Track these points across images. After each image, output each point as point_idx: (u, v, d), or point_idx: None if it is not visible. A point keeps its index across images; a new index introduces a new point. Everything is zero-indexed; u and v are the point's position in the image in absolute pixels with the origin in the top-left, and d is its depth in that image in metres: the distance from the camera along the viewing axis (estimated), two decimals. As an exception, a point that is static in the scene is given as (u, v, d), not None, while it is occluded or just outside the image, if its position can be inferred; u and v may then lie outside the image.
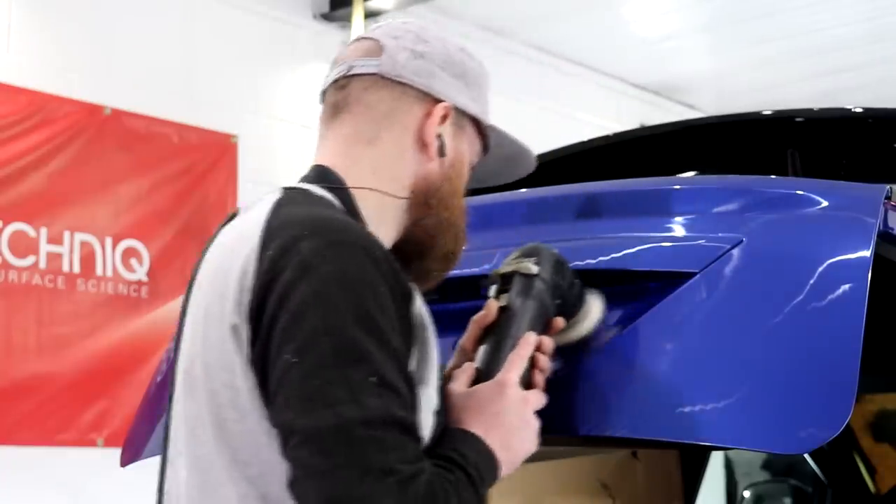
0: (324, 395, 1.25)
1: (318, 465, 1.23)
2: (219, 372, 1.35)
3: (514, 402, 1.43)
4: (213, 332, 1.36)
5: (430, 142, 1.52)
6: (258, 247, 1.34)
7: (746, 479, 5.82)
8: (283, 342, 1.28)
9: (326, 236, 1.33)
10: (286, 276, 1.30)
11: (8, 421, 5.04)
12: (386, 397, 1.26)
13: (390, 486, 1.22)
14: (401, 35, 1.55)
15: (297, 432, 1.26)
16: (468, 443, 1.37)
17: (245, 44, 6.18)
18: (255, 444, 1.32)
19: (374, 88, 1.52)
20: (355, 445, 1.23)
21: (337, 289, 1.28)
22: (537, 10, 7.30)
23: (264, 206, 1.41)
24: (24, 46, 5.36)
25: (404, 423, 1.27)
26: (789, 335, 1.45)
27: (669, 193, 1.77)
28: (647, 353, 1.53)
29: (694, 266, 1.55)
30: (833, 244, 1.54)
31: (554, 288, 1.54)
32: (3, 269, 5.09)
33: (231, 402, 1.34)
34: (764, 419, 1.42)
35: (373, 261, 1.32)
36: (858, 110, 2.41)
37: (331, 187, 1.47)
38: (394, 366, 1.29)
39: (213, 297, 1.38)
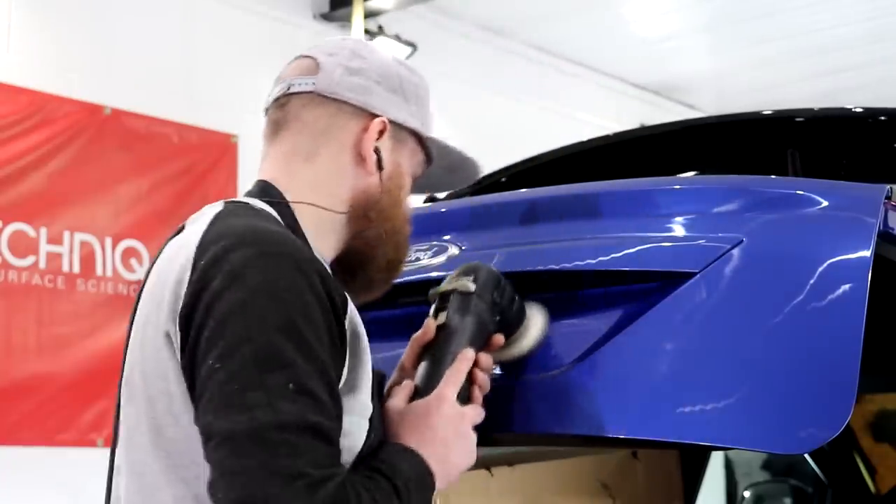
0: (240, 399, 1.28)
1: (231, 466, 1.26)
2: (155, 379, 1.39)
3: (450, 417, 1.46)
4: (150, 340, 1.40)
5: (368, 156, 1.54)
6: (192, 256, 1.38)
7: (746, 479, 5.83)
8: (208, 348, 1.31)
9: (257, 247, 1.36)
10: (215, 284, 1.33)
11: (8, 421, 5.04)
12: (301, 403, 1.28)
13: (298, 489, 1.24)
14: (336, 52, 1.58)
15: (214, 434, 1.29)
16: (399, 455, 1.40)
17: (245, 44, 6.18)
18: (189, 447, 1.34)
19: (311, 106, 1.55)
20: (266, 448, 1.25)
21: (262, 298, 1.32)
22: (537, 10, 7.30)
23: (204, 219, 1.45)
24: (24, 46, 5.36)
25: (318, 428, 1.29)
26: (789, 335, 1.45)
27: (669, 193, 1.77)
28: (647, 353, 1.53)
29: (694, 266, 1.55)
30: (833, 244, 1.54)
31: (492, 305, 1.55)
32: (3, 269, 5.09)
33: (167, 408, 1.37)
34: (764, 419, 1.42)
35: (302, 272, 1.35)
36: (858, 110, 2.40)
37: (272, 201, 1.50)
38: (315, 374, 1.31)
39: (152, 306, 1.42)
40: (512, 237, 1.78)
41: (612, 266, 1.62)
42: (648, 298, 1.57)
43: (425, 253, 1.80)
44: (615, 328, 1.58)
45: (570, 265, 1.65)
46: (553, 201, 1.85)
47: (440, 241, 1.83)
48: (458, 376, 1.50)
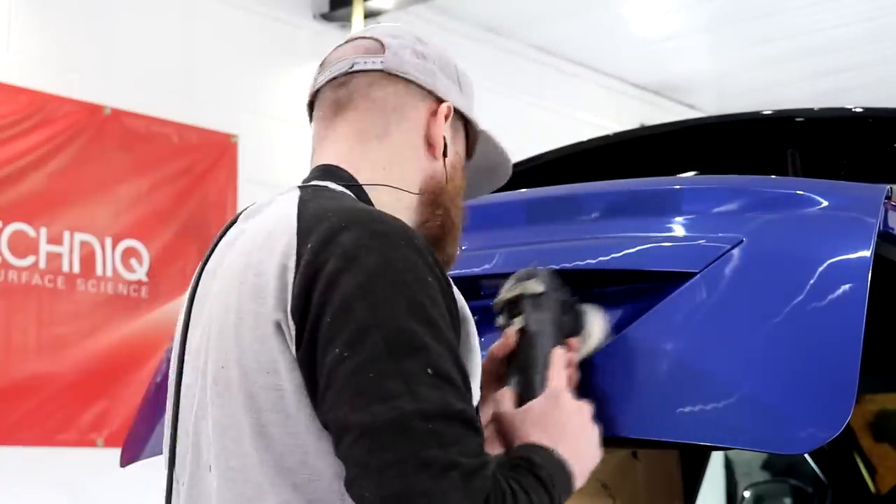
0: (378, 388, 1.20)
1: (376, 461, 1.18)
2: (258, 375, 1.28)
3: (572, 410, 1.41)
4: (249, 332, 1.30)
5: (437, 142, 1.49)
6: (295, 242, 1.29)
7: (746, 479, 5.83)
8: (331, 336, 1.23)
9: (366, 227, 1.28)
10: (329, 267, 1.25)
11: (8, 421, 5.04)
12: (443, 389, 1.21)
13: (454, 479, 1.17)
14: (401, 35, 1.53)
15: (351, 429, 1.20)
16: (536, 452, 1.32)
17: (245, 44, 6.18)
18: (301, 448, 1.26)
19: (379, 84, 1.49)
20: (414, 439, 1.18)
21: (384, 279, 1.24)
22: (537, 10, 7.29)
23: (286, 204, 1.37)
24: (24, 46, 5.36)
25: (463, 415, 1.22)
26: (789, 335, 1.45)
27: (669, 193, 1.77)
28: (648, 353, 1.53)
29: (694, 266, 1.55)
30: (833, 244, 1.54)
31: (561, 304, 1.54)
32: (3, 269, 5.09)
33: (274, 406, 1.27)
34: (764, 419, 1.42)
35: (417, 251, 1.28)
36: (858, 110, 2.41)
37: (345, 184, 1.43)
38: (448, 356, 1.24)
39: (246, 298, 1.32)
40: (512, 237, 1.78)
41: (612, 266, 1.62)
42: (648, 298, 1.57)
43: (425, 253, 1.80)
44: (615, 328, 1.58)
45: (571, 265, 1.65)
46: (553, 201, 1.85)
47: (440, 241, 1.83)
48: (562, 373, 1.45)
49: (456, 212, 1.52)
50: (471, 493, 1.17)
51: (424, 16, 7.15)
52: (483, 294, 1.73)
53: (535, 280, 1.53)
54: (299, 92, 5.80)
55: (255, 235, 1.37)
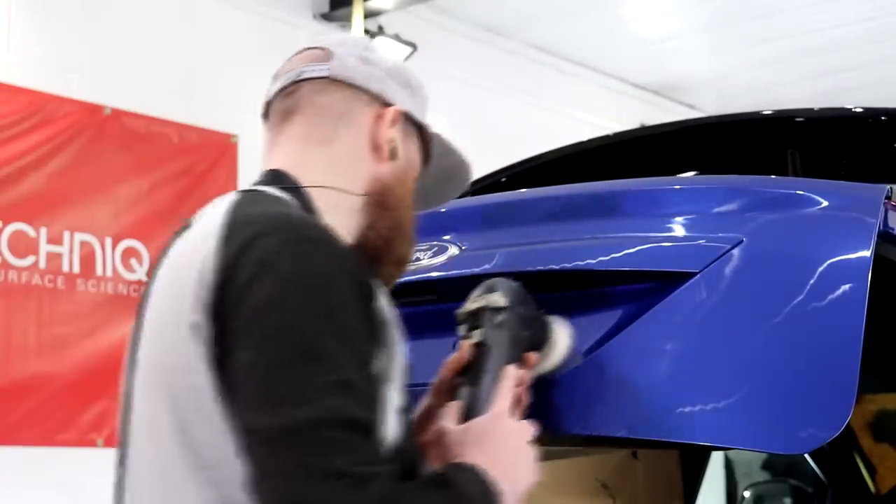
0: (281, 394, 1.22)
1: (274, 466, 1.21)
2: (180, 374, 1.32)
3: (512, 432, 1.42)
4: (172, 333, 1.33)
5: (383, 144, 1.51)
6: (216, 246, 1.32)
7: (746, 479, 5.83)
8: (242, 340, 1.26)
9: (285, 233, 1.31)
10: (245, 273, 1.28)
11: (8, 421, 5.04)
12: (345, 397, 1.23)
13: (341, 489, 1.19)
14: (348, 43, 1.57)
15: (253, 432, 1.24)
16: (463, 472, 1.33)
17: (245, 44, 6.18)
18: (220, 446, 1.28)
19: (325, 91, 1.52)
20: (310, 447, 1.20)
21: (296, 286, 1.26)
22: (537, 10, 7.30)
23: (220, 209, 1.40)
24: (24, 46, 5.36)
25: (363, 423, 1.24)
26: (789, 335, 1.45)
27: (669, 193, 1.77)
28: (648, 352, 1.53)
29: (694, 266, 1.55)
30: (833, 244, 1.54)
31: (523, 319, 1.53)
32: (3, 269, 5.09)
33: (194, 405, 1.30)
34: (764, 419, 1.42)
35: (334, 257, 1.30)
36: (858, 110, 2.41)
37: (286, 188, 1.46)
38: (355, 364, 1.26)
39: (170, 299, 1.36)
40: (512, 237, 1.78)
41: (612, 266, 1.62)
42: (648, 298, 1.57)
43: (425, 253, 1.80)
44: (615, 328, 1.58)
45: (570, 265, 1.65)
46: (553, 201, 1.85)
47: (440, 241, 1.83)
48: (509, 393, 1.46)
49: (404, 214, 1.53)
50: (361, 501, 1.19)
51: (424, 16, 7.16)
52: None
53: (498, 293, 1.53)
54: (299, 92, 5.61)
55: (188, 240, 1.41)
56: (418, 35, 7.01)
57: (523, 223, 1.82)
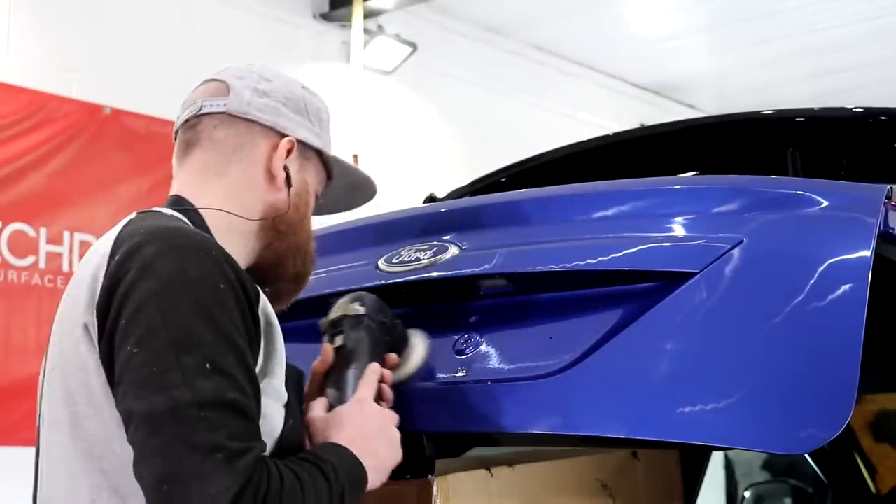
0: (159, 380, 1.33)
1: (152, 445, 1.31)
2: (74, 373, 1.43)
3: (373, 415, 1.56)
4: (68, 336, 1.45)
5: (277, 174, 1.61)
6: (107, 254, 1.44)
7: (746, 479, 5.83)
8: (125, 336, 1.37)
9: (168, 240, 1.42)
10: (129, 276, 1.39)
11: (8, 421, 5.04)
12: (218, 381, 1.34)
13: (217, 461, 1.29)
14: (245, 75, 1.66)
15: (134, 416, 1.34)
16: (329, 450, 1.47)
17: (245, 44, 6.18)
18: (108, 438, 1.39)
19: (222, 126, 1.61)
20: (185, 425, 1.30)
21: (175, 286, 1.37)
22: (537, 10, 7.30)
23: (118, 226, 1.53)
24: (24, 46, 5.36)
25: (236, 404, 1.34)
26: (789, 335, 1.45)
27: (669, 193, 1.77)
28: (648, 352, 1.53)
29: (694, 266, 1.55)
30: (833, 244, 1.54)
31: (381, 325, 1.66)
32: (3, 269, 5.09)
33: (87, 401, 1.42)
34: (764, 419, 1.42)
35: (213, 261, 1.41)
36: (858, 110, 2.40)
37: (182, 209, 1.57)
38: (230, 354, 1.36)
39: (68, 306, 1.49)
40: (512, 237, 1.78)
41: (612, 266, 1.62)
42: (648, 298, 1.57)
43: (425, 253, 1.80)
44: (615, 328, 1.58)
45: (570, 265, 1.65)
46: (553, 201, 1.85)
47: (440, 240, 1.83)
48: (372, 385, 1.60)
49: (300, 236, 1.64)
50: (233, 472, 1.29)
51: (424, 16, 7.16)
52: (482, 294, 1.73)
53: (356, 303, 1.67)
54: (299, 92, 5.61)
55: (88, 255, 1.54)
56: (418, 35, 7.01)
57: (523, 223, 1.82)
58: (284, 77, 1.69)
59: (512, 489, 2.72)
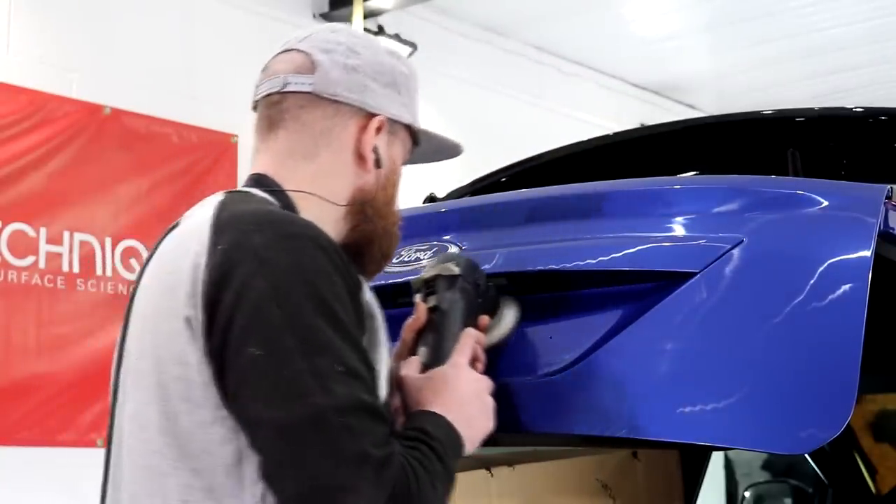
0: (292, 386, 1.27)
1: (293, 456, 1.26)
2: (171, 366, 1.36)
3: (469, 381, 1.49)
4: (164, 326, 1.38)
5: (367, 155, 1.55)
6: (207, 242, 1.36)
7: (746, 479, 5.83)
8: (245, 336, 1.30)
9: (277, 229, 1.36)
10: (242, 269, 1.32)
11: (8, 421, 5.04)
12: (352, 384, 1.29)
13: (366, 471, 1.25)
14: (332, 48, 1.56)
15: (267, 425, 1.28)
16: (429, 420, 1.41)
17: (245, 44, 6.18)
18: (205, 436, 1.33)
19: (309, 107, 1.54)
20: (328, 434, 1.25)
21: (293, 281, 1.31)
22: (537, 10, 7.30)
23: (208, 207, 1.44)
24: (24, 46, 5.36)
25: (372, 407, 1.30)
26: (790, 335, 1.45)
27: (669, 193, 1.77)
28: (647, 353, 1.53)
29: (694, 266, 1.55)
30: (833, 244, 1.54)
31: (475, 286, 1.61)
32: (2, 269, 5.09)
33: (183, 395, 1.35)
34: (764, 419, 1.42)
35: (324, 252, 1.35)
36: (858, 110, 2.41)
37: (270, 190, 1.51)
38: (355, 353, 1.32)
39: (162, 294, 1.41)
40: (512, 237, 1.78)
41: (612, 266, 1.62)
42: (648, 298, 1.57)
43: (425, 252, 1.80)
44: (616, 328, 1.58)
45: (571, 265, 1.65)
46: (553, 201, 1.85)
47: (440, 240, 1.83)
48: (468, 349, 1.53)
49: (387, 219, 1.58)
50: (382, 482, 1.26)
51: (424, 16, 7.16)
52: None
53: (451, 263, 1.62)
54: (299, 92, 5.57)
55: (176, 238, 1.47)
56: (418, 35, 7.00)
57: (523, 223, 1.82)
58: (372, 45, 1.60)
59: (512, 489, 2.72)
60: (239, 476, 1.32)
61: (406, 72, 1.62)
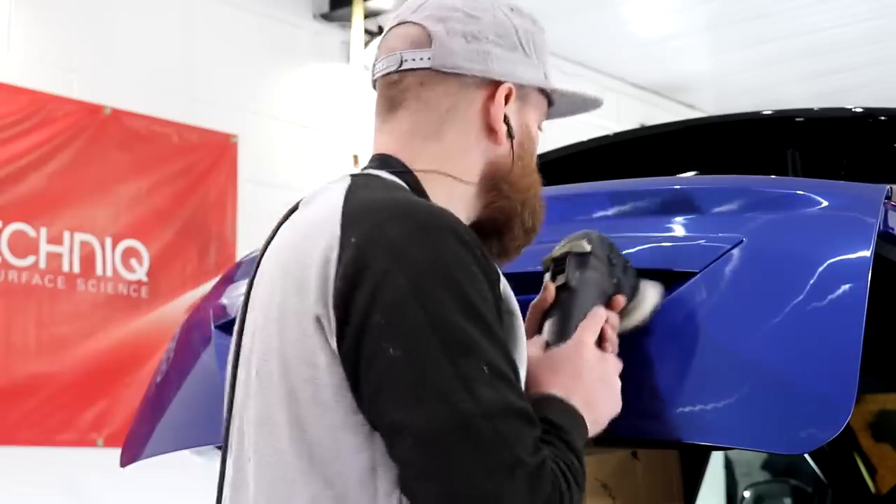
0: (436, 389, 1.18)
1: (438, 465, 1.17)
2: (300, 367, 1.27)
3: (593, 361, 1.40)
4: (292, 326, 1.29)
5: (498, 127, 1.45)
6: (339, 234, 1.27)
7: (746, 479, 5.82)
8: (383, 337, 1.21)
9: (413, 220, 1.27)
10: (377, 265, 1.23)
11: (8, 421, 5.04)
12: (499, 387, 1.20)
13: (520, 479, 1.17)
14: (447, 16, 1.45)
15: (408, 431, 1.19)
16: (554, 407, 1.32)
17: (245, 44, 6.18)
18: (336, 443, 1.25)
19: (430, 83, 1.44)
20: (477, 440, 1.17)
21: (434, 277, 1.22)
22: (537, 10, 7.26)
23: (335, 193, 1.35)
24: (24, 46, 5.36)
25: (522, 411, 1.21)
26: (789, 335, 1.45)
27: (669, 193, 1.77)
28: (647, 352, 1.53)
29: (694, 266, 1.55)
30: (833, 244, 1.54)
31: (609, 265, 1.52)
32: (3, 269, 5.09)
33: (312, 399, 1.26)
34: (764, 419, 1.42)
35: (464, 244, 1.26)
36: (858, 110, 2.41)
37: (397, 171, 1.41)
38: (501, 353, 1.23)
39: (289, 290, 1.30)
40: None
41: (612, 266, 1.62)
42: (648, 298, 1.57)
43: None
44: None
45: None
46: (553, 201, 1.85)
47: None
48: (595, 328, 1.44)
49: (525, 192, 1.48)
50: (535, 491, 1.17)
51: None
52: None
53: (583, 240, 1.52)
54: (299, 92, 5.84)
55: (302, 225, 1.36)
56: (418, 35, 7.00)
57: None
58: (492, 6, 1.46)
59: (512, 489, 2.72)
60: (373, 487, 1.24)
61: (530, 28, 1.50)
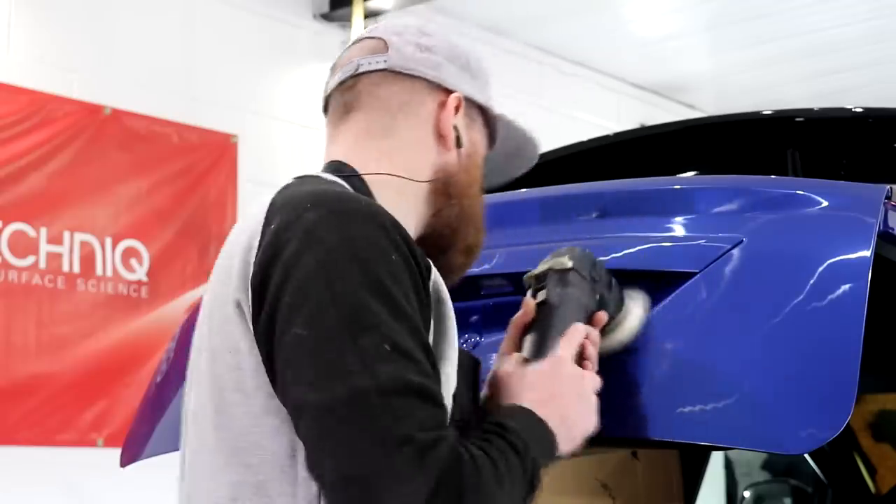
0: (334, 366, 1.19)
1: (333, 439, 1.18)
2: (223, 354, 1.30)
3: (570, 377, 1.40)
4: (218, 314, 1.32)
5: (448, 133, 1.50)
6: (261, 222, 1.31)
7: (746, 479, 5.82)
8: (290, 316, 1.23)
9: (331, 206, 1.29)
10: (290, 247, 1.25)
11: (8, 421, 5.04)
12: (400, 363, 1.20)
13: (406, 455, 1.16)
14: (403, 31, 1.53)
15: (308, 408, 1.21)
16: (513, 414, 1.32)
17: (245, 44, 6.18)
18: (257, 428, 1.27)
19: (385, 83, 1.49)
20: (369, 416, 1.17)
21: (343, 257, 1.24)
22: (537, 10, 7.29)
23: (272, 192, 1.39)
24: (24, 46, 5.36)
25: (422, 389, 1.21)
26: (789, 335, 1.45)
27: (669, 193, 1.77)
28: (647, 353, 1.53)
29: (694, 266, 1.55)
30: (833, 244, 1.54)
31: (591, 282, 1.51)
32: (3, 269, 5.09)
33: (235, 386, 1.28)
34: (764, 419, 1.42)
35: (382, 228, 1.28)
36: (858, 110, 2.41)
37: (344, 175, 1.44)
38: (408, 332, 1.23)
39: (217, 279, 1.35)
40: (512, 237, 1.78)
41: (612, 266, 1.62)
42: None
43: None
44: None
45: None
46: (553, 201, 1.85)
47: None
48: (573, 343, 1.44)
49: (471, 201, 1.52)
50: (426, 467, 1.16)
51: (424, 16, 7.15)
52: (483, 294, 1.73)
53: (565, 256, 1.52)
54: (299, 92, 5.83)
55: (238, 224, 1.40)
56: (418, 35, 7.00)
57: (523, 223, 1.82)
58: (443, 32, 1.55)
59: (512, 489, 2.72)
60: (293, 473, 1.25)
61: (479, 60, 1.58)
